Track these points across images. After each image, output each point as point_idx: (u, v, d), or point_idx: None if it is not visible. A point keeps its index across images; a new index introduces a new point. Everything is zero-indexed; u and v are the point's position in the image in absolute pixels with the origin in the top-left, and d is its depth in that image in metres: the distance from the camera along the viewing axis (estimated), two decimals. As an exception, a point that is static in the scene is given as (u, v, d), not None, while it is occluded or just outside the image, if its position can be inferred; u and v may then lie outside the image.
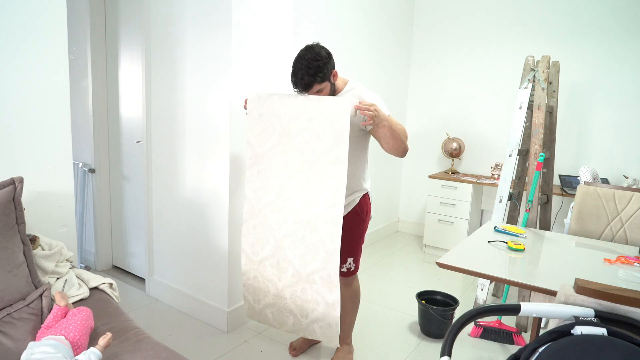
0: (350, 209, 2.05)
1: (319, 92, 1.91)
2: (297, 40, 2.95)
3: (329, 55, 1.91)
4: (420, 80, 4.47)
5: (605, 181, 3.38)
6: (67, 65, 1.97)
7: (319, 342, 2.48)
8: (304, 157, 1.88)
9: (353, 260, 2.16)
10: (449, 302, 2.69)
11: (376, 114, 1.75)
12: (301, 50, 1.91)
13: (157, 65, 2.70)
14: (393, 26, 4.14)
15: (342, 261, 2.11)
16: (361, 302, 2.79)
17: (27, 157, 1.87)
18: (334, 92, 1.99)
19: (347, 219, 2.01)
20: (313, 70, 1.84)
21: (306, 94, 1.92)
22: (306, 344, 2.41)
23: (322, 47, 1.91)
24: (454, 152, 4.12)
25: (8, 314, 1.51)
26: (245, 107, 2.07)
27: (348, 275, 2.17)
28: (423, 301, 2.62)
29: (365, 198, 2.11)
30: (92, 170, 3.21)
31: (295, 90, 1.93)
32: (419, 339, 2.58)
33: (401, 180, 4.70)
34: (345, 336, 2.30)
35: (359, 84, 2.06)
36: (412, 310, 2.87)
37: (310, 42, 1.94)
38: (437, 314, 2.52)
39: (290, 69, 1.92)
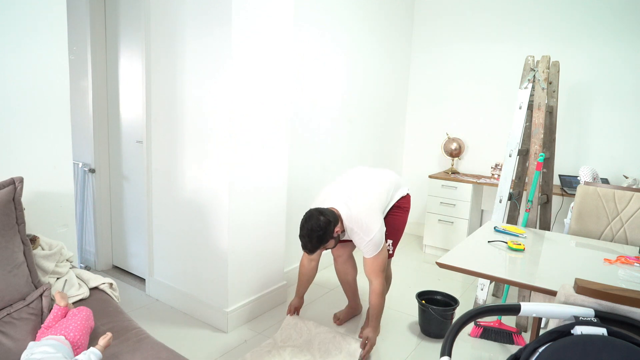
0: (392, 204, 2.46)
1: (324, 247, 2.19)
2: (297, 36, 2.95)
3: (328, 222, 2.11)
4: (420, 80, 4.47)
5: (605, 181, 3.38)
6: (67, 65, 1.96)
7: (358, 314, 2.82)
8: None
9: (392, 244, 2.48)
10: (449, 302, 2.69)
11: (373, 345, 2.31)
12: (303, 219, 2.15)
13: (157, 65, 2.70)
14: (393, 27, 4.14)
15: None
16: (361, 302, 2.82)
17: (27, 157, 1.87)
18: (338, 238, 2.23)
19: (393, 210, 2.47)
20: (315, 240, 2.11)
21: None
22: (348, 316, 2.75)
23: (322, 214, 2.12)
24: (454, 152, 4.12)
25: (8, 314, 1.51)
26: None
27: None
28: (423, 301, 2.62)
29: (406, 198, 2.54)
30: (92, 170, 3.21)
31: (305, 251, 2.19)
32: (419, 339, 2.58)
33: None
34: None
35: (354, 220, 2.21)
36: (412, 310, 2.87)
37: (310, 210, 2.17)
38: (437, 314, 2.53)
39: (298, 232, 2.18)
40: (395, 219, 2.47)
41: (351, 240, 2.36)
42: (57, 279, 1.78)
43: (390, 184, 2.45)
